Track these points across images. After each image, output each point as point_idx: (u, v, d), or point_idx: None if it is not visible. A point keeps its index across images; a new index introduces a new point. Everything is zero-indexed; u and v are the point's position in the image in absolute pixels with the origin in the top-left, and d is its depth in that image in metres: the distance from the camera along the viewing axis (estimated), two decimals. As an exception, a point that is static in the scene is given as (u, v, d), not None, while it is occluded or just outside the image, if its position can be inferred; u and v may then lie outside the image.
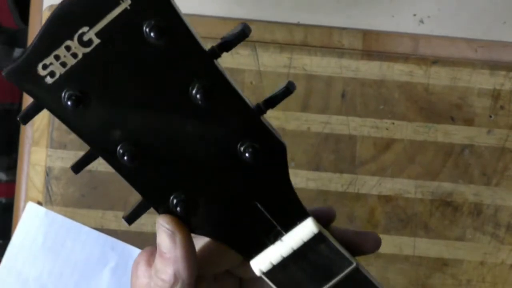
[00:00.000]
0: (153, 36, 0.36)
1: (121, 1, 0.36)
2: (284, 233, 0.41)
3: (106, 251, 0.77)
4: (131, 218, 0.41)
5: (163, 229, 0.41)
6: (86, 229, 0.77)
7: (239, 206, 0.41)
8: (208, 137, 0.39)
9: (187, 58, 0.37)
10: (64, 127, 0.39)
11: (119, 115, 0.38)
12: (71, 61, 0.37)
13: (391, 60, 0.76)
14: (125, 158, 0.39)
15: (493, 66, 0.76)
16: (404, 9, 0.77)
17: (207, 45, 0.38)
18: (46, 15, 0.77)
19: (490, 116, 0.76)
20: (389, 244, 0.76)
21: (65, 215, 0.77)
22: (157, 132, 0.39)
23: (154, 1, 0.36)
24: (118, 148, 0.39)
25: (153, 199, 0.41)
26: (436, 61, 0.76)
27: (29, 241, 0.77)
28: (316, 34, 0.77)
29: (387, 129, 0.76)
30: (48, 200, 0.77)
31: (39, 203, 0.77)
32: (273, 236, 0.42)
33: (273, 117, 0.76)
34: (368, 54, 0.77)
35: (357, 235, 0.45)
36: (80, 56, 0.37)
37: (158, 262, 0.42)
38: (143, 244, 0.75)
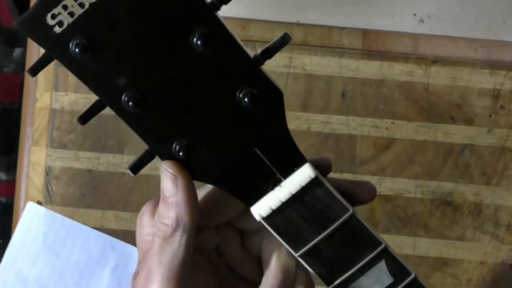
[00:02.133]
0: None
1: None
2: (283, 179, 0.43)
3: (106, 251, 0.77)
4: (135, 168, 0.43)
5: (166, 173, 0.42)
6: (86, 229, 0.77)
7: (239, 152, 0.42)
8: (209, 84, 0.40)
9: (188, 4, 0.39)
10: (64, 126, 0.40)
11: (124, 63, 0.39)
12: (79, 11, 0.38)
13: (391, 60, 0.76)
14: (130, 104, 0.40)
15: (493, 65, 0.76)
16: (404, 9, 0.77)
17: None
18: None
19: (490, 116, 0.76)
20: (389, 243, 0.76)
21: (65, 214, 0.77)
22: (160, 79, 0.40)
23: None
24: (124, 95, 0.40)
25: (157, 145, 0.42)
26: (436, 60, 0.76)
27: (29, 241, 0.77)
28: (316, 33, 0.77)
29: (387, 128, 0.76)
30: (48, 200, 0.77)
31: (39, 203, 0.77)
32: (272, 182, 0.43)
33: (273, 117, 0.76)
34: (368, 53, 0.77)
35: (353, 184, 0.46)
36: (87, 5, 0.38)
37: (161, 207, 0.43)
38: (143, 244, 0.75)
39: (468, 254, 0.77)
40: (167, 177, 0.42)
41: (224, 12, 0.40)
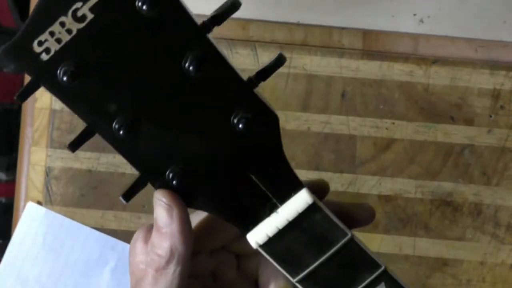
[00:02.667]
0: (146, 8, 0.36)
1: None
2: (279, 205, 0.42)
3: (106, 251, 0.77)
4: (128, 195, 0.41)
5: (160, 203, 0.41)
6: (86, 229, 0.77)
7: (234, 178, 0.41)
8: (203, 109, 0.39)
9: (179, 30, 0.38)
10: (64, 126, 0.39)
11: (114, 88, 0.38)
12: (66, 37, 0.37)
13: (391, 60, 0.76)
14: (121, 132, 0.39)
15: (493, 66, 0.76)
16: (404, 9, 0.77)
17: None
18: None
19: (490, 116, 0.76)
20: (389, 244, 0.76)
21: (65, 215, 0.77)
22: (152, 104, 0.39)
23: None
24: (114, 122, 0.39)
25: (149, 173, 0.41)
26: (436, 61, 0.76)
27: (29, 241, 0.77)
28: (316, 34, 0.77)
29: (387, 129, 0.76)
30: (48, 200, 0.77)
31: (39, 203, 0.77)
32: (268, 208, 0.42)
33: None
34: (368, 54, 0.77)
35: (351, 207, 0.45)
36: (74, 31, 0.37)
37: (154, 236, 0.42)
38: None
39: (468, 254, 0.77)
40: (161, 207, 0.41)
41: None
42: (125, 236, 0.76)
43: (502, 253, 0.76)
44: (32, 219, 0.77)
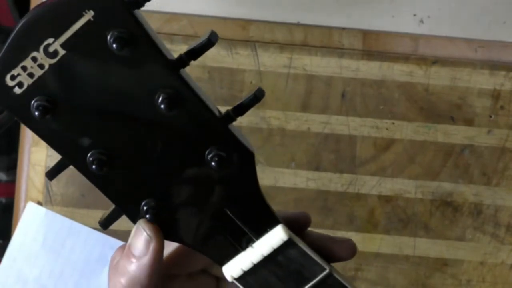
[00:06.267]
0: (116, 47, 0.37)
1: (84, 13, 0.37)
2: (255, 239, 0.42)
3: (106, 251, 0.77)
4: (106, 224, 0.43)
5: (141, 231, 0.41)
6: (86, 229, 0.77)
7: (210, 213, 0.41)
8: (176, 145, 0.40)
9: (151, 67, 0.38)
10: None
11: (87, 123, 0.39)
12: (38, 72, 0.37)
13: (391, 60, 0.76)
14: (94, 166, 0.39)
15: (493, 66, 0.76)
16: (404, 9, 0.77)
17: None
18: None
19: (490, 116, 0.76)
20: (389, 244, 0.76)
21: (65, 215, 0.77)
22: (125, 140, 0.39)
23: (116, 12, 0.37)
24: (88, 156, 0.39)
25: (124, 206, 0.41)
26: (436, 61, 0.76)
27: (29, 241, 0.77)
28: (316, 34, 0.77)
29: (387, 129, 0.76)
30: (48, 200, 0.77)
31: (39, 203, 0.77)
32: (245, 242, 0.42)
33: (273, 117, 0.76)
34: (368, 54, 0.77)
35: (332, 241, 0.45)
36: (46, 67, 0.37)
37: (123, 262, 0.42)
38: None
39: (468, 254, 0.77)
40: (141, 236, 0.41)
41: (224, 12, 0.40)
42: (125, 236, 0.76)
43: (502, 253, 0.76)
44: (32, 219, 0.77)
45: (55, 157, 0.40)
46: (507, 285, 0.77)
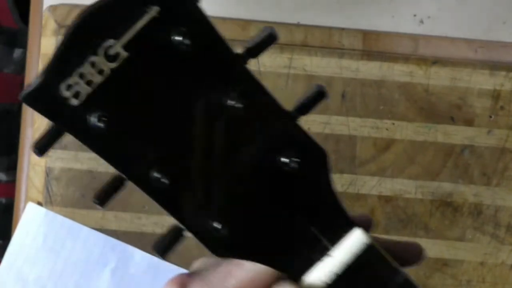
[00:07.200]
0: (184, 44, 0.34)
1: (148, 10, 0.33)
2: (330, 247, 0.38)
3: (106, 252, 0.77)
4: (164, 250, 0.37)
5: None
6: (86, 229, 0.77)
7: (283, 224, 0.37)
8: (248, 147, 0.36)
9: (219, 64, 0.35)
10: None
11: (153, 135, 0.34)
12: (98, 79, 0.33)
13: (391, 60, 0.76)
14: (161, 182, 0.35)
15: (493, 66, 0.76)
16: (404, 9, 0.77)
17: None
18: (46, 15, 0.77)
19: (490, 117, 0.76)
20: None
21: (65, 215, 0.77)
22: (194, 150, 0.35)
23: (183, 8, 0.34)
24: (152, 172, 0.35)
25: (193, 225, 0.37)
26: (436, 61, 0.76)
27: (29, 241, 0.77)
28: (316, 34, 0.77)
29: (387, 129, 0.76)
30: (48, 201, 0.77)
31: (39, 204, 0.77)
32: (319, 252, 0.38)
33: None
34: (368, 54, 0.77)
35: (400, 246, 0.43)
36: (107, 72, 0.33)
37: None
38: (143, 244, 0.75)
39: (468, 254, 0.77)
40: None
41: (224, 12, 0.39)
42: (125, 236, 0.76)
43: (502, 254, 0.76)
44: (32, 220, 0.77)
45: (55, 157, 0.39)
46: (507, 286, 0.77)
